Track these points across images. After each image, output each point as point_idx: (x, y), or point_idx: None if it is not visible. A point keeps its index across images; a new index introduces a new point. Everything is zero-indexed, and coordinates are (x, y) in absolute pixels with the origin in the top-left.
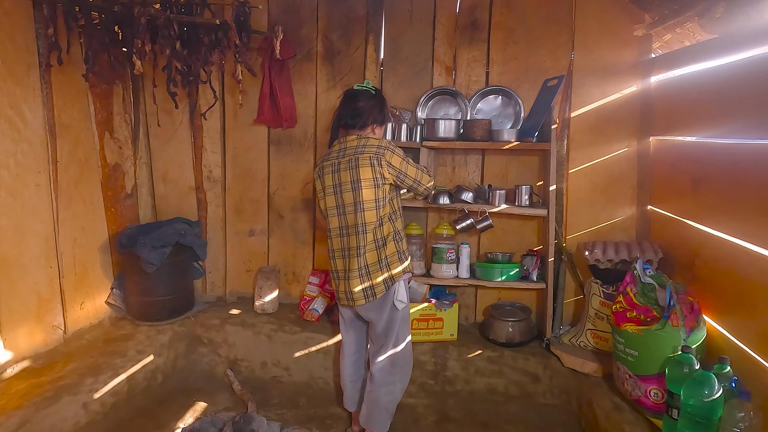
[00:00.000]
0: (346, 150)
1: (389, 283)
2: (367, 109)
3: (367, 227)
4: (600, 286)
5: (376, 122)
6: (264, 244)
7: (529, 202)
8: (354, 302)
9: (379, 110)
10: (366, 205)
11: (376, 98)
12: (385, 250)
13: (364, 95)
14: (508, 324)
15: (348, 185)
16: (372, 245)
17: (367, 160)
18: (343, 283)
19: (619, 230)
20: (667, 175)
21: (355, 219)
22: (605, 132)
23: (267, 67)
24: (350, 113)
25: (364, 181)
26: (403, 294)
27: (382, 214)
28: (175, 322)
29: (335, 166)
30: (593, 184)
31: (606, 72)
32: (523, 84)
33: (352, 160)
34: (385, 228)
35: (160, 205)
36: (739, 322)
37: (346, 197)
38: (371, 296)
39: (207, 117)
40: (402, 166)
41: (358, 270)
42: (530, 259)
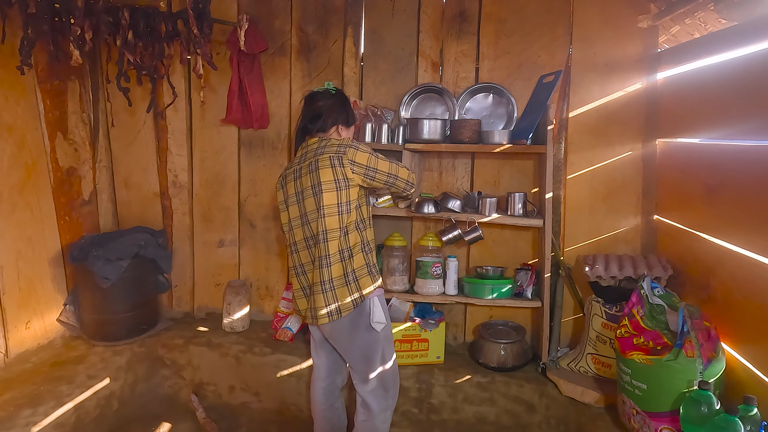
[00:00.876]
0: (307, 153)
1: (357, 301)
2: (326, 109)
3: (329, 234)
4: (602, 305)
5: (339, 122)
6: (235, 256)
7: (522, 211)
8: (317, 320)
9: (341, 109)
10: (327, 210)
11: (336, 97)
12: (351, 262)
13: (323, 95)
14: (500, 346)
15: (309, 190)
16: (337, 256)
17: (327, 161)
18: (304, 300)
19: (622, 242)
20: (676, 181)
21: (317, 226)
22: (607, 134)
23: (236, 61)
24: (310, 116)
25: (325, 183)
26: (380, 314)
27: (348, 222)
28: (135, 342)
29: (297, 173)
30: (593, 191)
31: (608, 68)
32: (516, 81)
33: (312, 163)
34: (351, 237)
35: (123, 212)
36: (766, 353)
37: (308, 203)
38: (335, 314)
39: (170, 116)
40: (370, 162)
41: (322, 284)
42: (524, 274)
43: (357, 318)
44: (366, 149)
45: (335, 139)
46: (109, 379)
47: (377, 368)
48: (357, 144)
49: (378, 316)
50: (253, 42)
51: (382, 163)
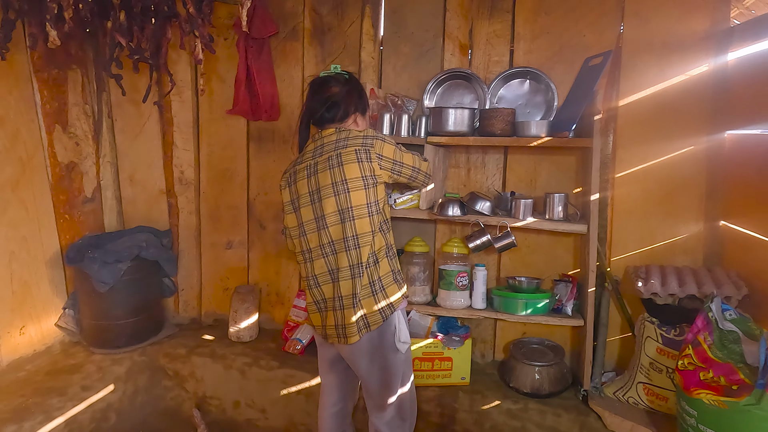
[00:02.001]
0: (324, 146)
1: (387, 312)
2: (344, 96)
3: (361, 240)
4: (657, 327)
5: (358, 110)
6: (243, 259)
7: (563, 215)
8: (347, 339)
9: (359, 95)
10: (356, 212)
11: (351, 82)
12: (377, 269)
13: (337, 80)
14: (534, 369)
15: (329, 189)
16: (366, 263)
17: (353, 155)
18: (332, 314)
19: (680, 252)
20: (751, 181)
21: (343, 231)
22: (664, 125)
23: (243, 47)
24: (324, 104)
25: (352, 181)
26: (405, 332)
27: (378, 223)
28: (136, 350)
29: (311, 168)
30: (647, 192)
31: (666, 48)
32: (556, 65)
33: (333, 158)
34: (377, 241)
35: (128, 210)
36: None
37: (327, 205)
38: (364, 328)
39: (175, 108)
40: (397, 156)
41: (353, 296)
42: (564, 287)
43: (382, 335)
44: (391, 141)
45: (356, 131)
46: (104, 390)
47: (396, 394)
48: (382, 135)
49: (404, 335)
50: (261, 25)
51: (407, 156)
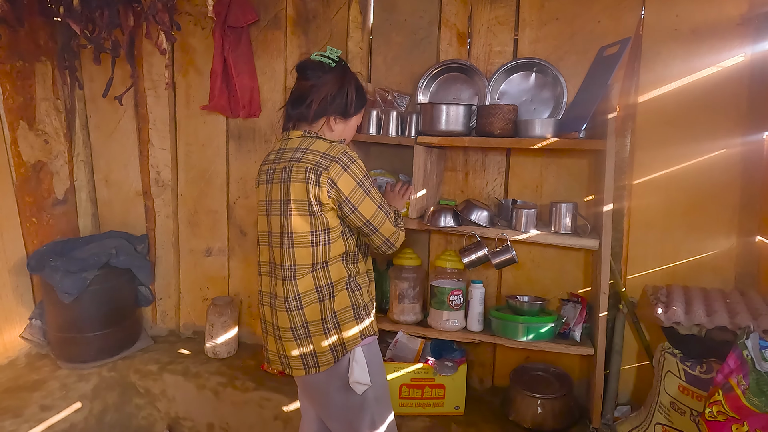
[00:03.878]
0: (285, 151)
1: (339, 352)
2: (315, 91)
3: (298, 271)
4: (680, 361)
5: (333, 112)
6: (223, 267)
7: (572, 227)
8: (291, 370)
9: (339, 91)
10: (296, 239)
11: (334, 72)
12: (332, 302)
13: (316, 68)
14: (537, 402)
15: (277, 205)
16: (312, 296)
17: (302, 173)
18: (273, 341)
19: (708, 271)
20: None
21: (281, 256)
22: (691, 125)
23: (219, 36)
24: (293, 97)
25: (294, 203)
26: (360, 372)
27: (328, 256)
28: (105, 365)
29: (269, 174)
30: (670, 201)
31: (695, 34)
32: (567, 55)
33: (286, 170)
34: (334, 271)
35: (104, 213)
36: None
37: (274, 222)
38: (313, 367)
39: (150, 103)
40: (353, 195)
41: (292, 330)
42: (572, 308)
43: (332, 375)
44: (357, 171)
45: (324, 141)
46: (67, 410)
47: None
48: (350, 158)
49: (357, 375)
50: (239, 12)
51: (368, 203)
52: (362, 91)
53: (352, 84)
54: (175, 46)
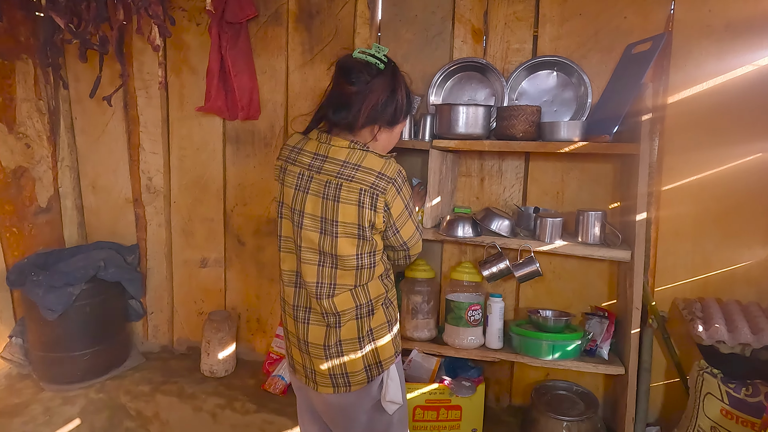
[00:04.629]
0: (327, 160)
1: (374, 372)
2: (363, 98)
3: (337, 290)
4: (721, 382)
5: (380, 122)
6: (220, 279)
7: (600, 238)
8: (317, 386)
9: (389, 99)
10: (340, 262)
11: (384, 77)
12: (370, 320)
13: (364, 72)
14: (562, 424)
15: (316, 222)
16: (351, 313)
17: (356, 195)
18: (300, 354)
19: (741, 283)
20: None
21: (318, 274)
22: (724, 127)
23: (216, 32)
24: (336, 102)
25: (344, 225)
26: (395, 391)
27: (372, 276)
28: (93, 386)
29: (302, 180)
30: (701, 208)
31: (729, 31)
32: (591, 53)
33: (331, 185)
34: (373, 288)
35: (91, 221)
36: None
37: (306, 237)
38: (344, 386)
39: (141, 105)
40: (400, 217)
41: (325, 348)
42: (598, 323)
43: (364, 394)
44: (407, 193)
45: (376, 156)
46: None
47: None
48: (404, 177)
49: (393, 394)
50: (237, 7)
51: (409, 225)
52: (410, 95)
53: (403, 89)
54: (168, 44)
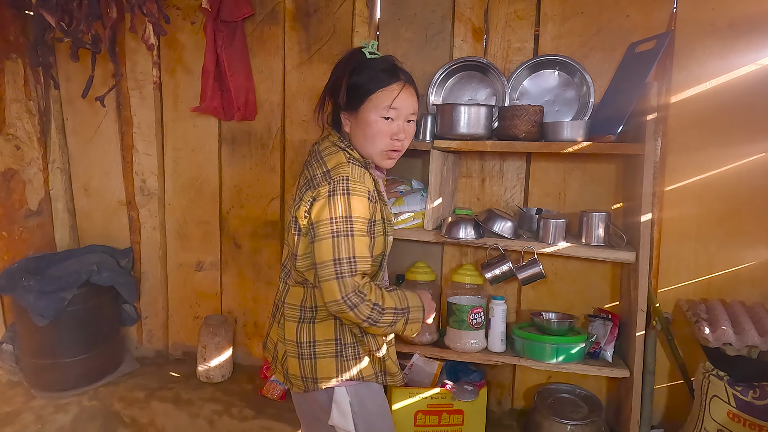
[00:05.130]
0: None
1: (309, 384)
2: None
3: (296, 279)
4: (728, 385)
5: (344, 108)
6: (216, 283)
7: (604, 239)
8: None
9: (335, 82)
10: (299, 262)
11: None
12: (312, 330)
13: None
14: (566, 428)
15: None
16: (293, 311)
17: (306, 189)
18: None
19: (746, 283)
20: None
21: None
22: (728, 127)
23: (211, 31)
24: None
25: (293, 220)
26: (340, 418)
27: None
28: (86, 393)
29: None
30: (705, 209)
31: (733, 30)
32: (593, 52)
33: (300, 185)
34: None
35: (83, 225)
36: None
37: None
38: (288, 383)
39: (135, 105)
40: (319, 229)
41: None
42: (601, 325)
43: (311, 398)
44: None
45: (341, 155)
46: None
47: None
48: (345, 184)
49: (337, 419)
50: (233, 5)
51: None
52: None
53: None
54: (162, 43)
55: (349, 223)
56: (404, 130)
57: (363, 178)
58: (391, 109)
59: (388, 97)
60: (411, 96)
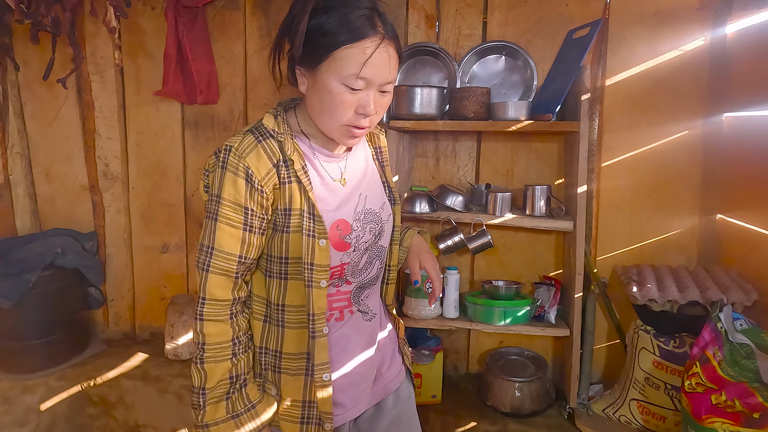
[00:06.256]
0: None
1: None
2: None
3: None
4: (653, 337)
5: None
6: (182, 264)
7: (546, 210)
8: None
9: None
10: None
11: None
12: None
13: None
14: (514, 385)
15: None
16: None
17: None
18: None
19: (673, 250)
20: (751, 169)
21: None
22: (655, 107)
23: (172, 16)
24: None
25: None
26: None
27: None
28: (53, 374)
29: None
30: (636, 182)
31: (659, 19)
32: (536, 38)
33: None
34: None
35: (45, 210)
36: None
37: None
38: None
39: (96, 89)
40: (206, 207)
41: None
42: (546, 291)
43: None
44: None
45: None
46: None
47: None
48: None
49: None
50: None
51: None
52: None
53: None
54: (122, 28)
55: (215, 204)
56: (376, 101)
57: (249, 152)
58: (359, 78)
59: (356, 58)
60: (389, 58)
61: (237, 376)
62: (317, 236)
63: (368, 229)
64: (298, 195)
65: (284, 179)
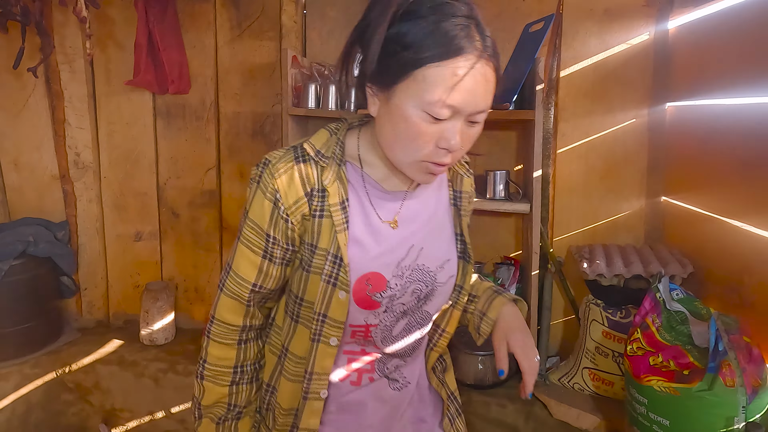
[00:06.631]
0: None
1: None
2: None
3: None
4: (603, 310)
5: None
6: (156, 252)
7: (505, 194)
8: None
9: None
10: None
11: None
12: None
13: None
14: (477, 359)
15: None
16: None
17: None
18: None
19: (622, 230)
20: (693, 154)
21: None
22: (606, 97)
23: (142, 6)
24: None
25: None
26: None
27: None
28: (28, 362)
29: None
30: (589, 167)
31: (608, 15)
32: (495, 33)
33: None
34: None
35: (14, 200)
36: None
37: None
38: None
39: (65, 79)
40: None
41: None
42: (506, 270)
43: None
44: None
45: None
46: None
47: None
48: (259, 172)
49: None
50: None
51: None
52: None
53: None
54: (92, 18)
55: (243, 221)
56: (463, 134)
57: (283, 173)
58: (445, 106)
59: (444, 80)
60: (485, 82)
61: (234, 406)
62: (338, 286)
63: (411, 289)
64: (328, 233)
65: (315, 211)
